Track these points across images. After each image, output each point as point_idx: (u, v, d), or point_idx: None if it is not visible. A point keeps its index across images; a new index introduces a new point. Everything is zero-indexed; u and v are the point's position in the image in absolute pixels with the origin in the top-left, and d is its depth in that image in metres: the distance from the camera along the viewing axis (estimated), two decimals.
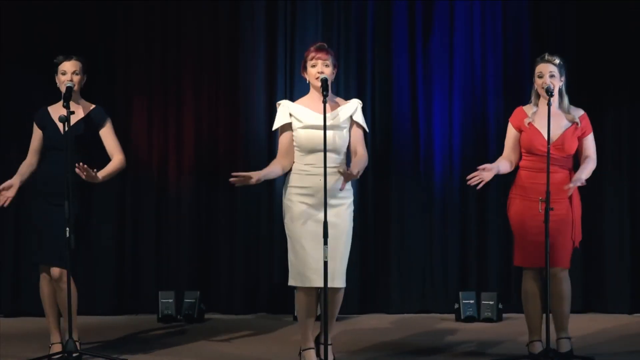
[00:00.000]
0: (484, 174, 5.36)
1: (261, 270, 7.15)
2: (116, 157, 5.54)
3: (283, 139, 5.19)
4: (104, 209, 6.93)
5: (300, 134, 5.12)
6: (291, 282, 5.15)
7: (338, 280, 5.08)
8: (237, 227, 7.13)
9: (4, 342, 5.93)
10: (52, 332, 5.54)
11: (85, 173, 5.27)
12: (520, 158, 5.54)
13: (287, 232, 5.17)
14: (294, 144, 5.15)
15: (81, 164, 5.25)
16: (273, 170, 5.16)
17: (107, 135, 5.56)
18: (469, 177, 5.37)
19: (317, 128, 5.03)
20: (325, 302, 4.94)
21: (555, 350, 5.34)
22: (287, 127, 5.17)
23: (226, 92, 7.21)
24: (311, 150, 5.07)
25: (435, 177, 7.18)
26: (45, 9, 7.07)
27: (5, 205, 5.47)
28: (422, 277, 7.17)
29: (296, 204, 5.10)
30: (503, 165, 5.49)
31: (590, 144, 5.47)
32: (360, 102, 5.25)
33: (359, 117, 5.19)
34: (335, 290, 5.10)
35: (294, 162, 5.17)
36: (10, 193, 5.45)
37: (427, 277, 7.17)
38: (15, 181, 5.48)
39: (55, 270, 5.39)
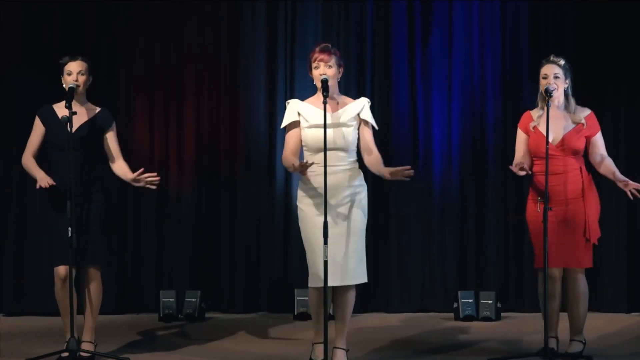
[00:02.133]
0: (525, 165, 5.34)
1: (262, 270, 7.17)
2: (123, 162, 5.55)
3: (292, 136, 5.17)
4: (108, 211, 6.95)
5: (308, 134, 5.11)
6: (309, 284, 5.12)
7: (350, 277, 5.07)
8: (238, 227, 7.16)
9: (5, 341, 5.95)
10: (67, 331, 5.42)
11: (143, 180, 5.36)
12: (532, 163, 5.54)
13: (302, 234, 5.16)
14: (302, 144, 5.16)
15: (145, 174, 5.33)
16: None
17: (112, 139, 5.56)
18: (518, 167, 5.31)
19: (322, 127, 5.01)
20: (325, 300, 4.94)
21: (553, 349, 5.36)
22: (295, 124, 5.16)
23: (227, 92, 7.23)
24: (319, 150, 5.04)
25: (434, 177, 7.21)
26: (46, 10, 7.09)
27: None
28: (422, 277, 7.20)
29: (307, 207, 5.09)
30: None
31: (600, 143, 5.49)
32: (369, 100, 5.25)
33: (367, 115, 5.18)
34: (346, 288, 5.09)
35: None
36: (51, 181, 5.37)
37: (426, 276, 7.20)
38: (48, 178, 5.39)
39: (90, 271, 5.43)
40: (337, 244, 5.00)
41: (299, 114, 5.15)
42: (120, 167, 5.55)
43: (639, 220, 7.15)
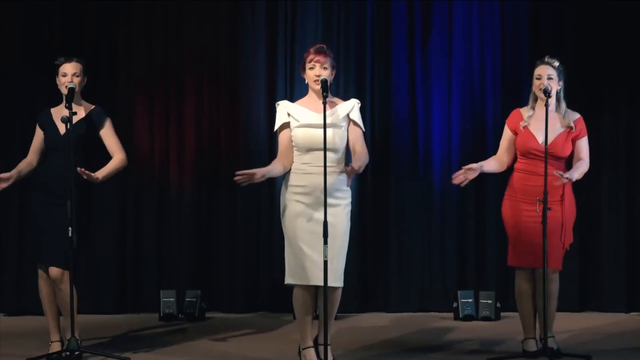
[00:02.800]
0: (469, 173, 5.40)
1: (262, 269, 7.18)
2: (117, 156, 5.58)
3: (282, 139, 5.22)
4: (106, 208, 6.98)
5: (298, 133, 5.14)
6: (288, 280, 5.18)
7: (335, 279, 5.11)
8: (238, 227, 7.17)
9: (6, 341, 5.96)
10: (51, 331, 5.57)
11: (85, 176, 5.33)
12: (514, 159, 5.58)
13: (284, 230, 5.20)
14: (292, 143, 5.18)
15: (81, 168, 5.32)
16: (275, 168, 5.17)
17: (108, 135, 5.59)
18: (454, 176, 5.42)
19: (314, 127, 5.07)
20: (325, 301, 4.98)
21: (552, 348, 5.38)
22: (286, 126, 5.20)
23: (227, 92, 7.24)
24: (308, 149, 5.09)
25: (434, 177, 7.22)
26: (46, 10, 7.10)
27: None
28: (421, 277, 7.21)
29: (293, 203, 5.12)
30: (488, 164, 5.55)
31: (584, 147, 5.50)
32: (359, 101, 5.27)
33: (356, 116, 5.21)
34: (333, 289, 5.13)
35: (293, 162, 5.21)
36: (4, 184, 5.44)
37: (426, 276, 7.22)
38: (12, 174, 5.48)
39: (55, 271, 5.41)
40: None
41: (288, 114, 5.17)
42: (111, 161, 5.56)
43: (638, 221, 7.16)
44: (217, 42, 7.23)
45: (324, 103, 4.93)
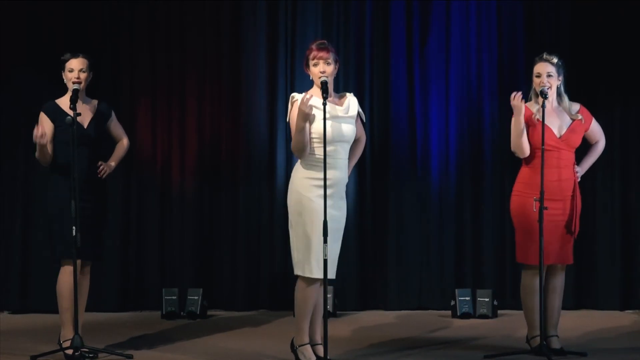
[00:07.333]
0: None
1: (263, 268, 7.23)
2: (124, 141, 5.77)
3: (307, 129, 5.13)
4: (109, 207, 7.02)
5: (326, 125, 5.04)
6: (315, 274, 5.07)
7: (335, 270, 5.19)
8: (239, 225, 7.21)
9: (11, 339, 6.02)
10: (68, 328, 5.50)
11: (104, 170, 5.52)
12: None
13: (305, 224, 5.08)
14: (313, 135, 5.09)
15: (101, 167, 5.49)
16: None
17: (115, 123, 5.74)
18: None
19: (339, 119, 5.10)
20: (325, 298, 5.00)
21: (557, 348, 5.45)
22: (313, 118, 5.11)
23: (228, 93, 7.27)
24: (331, 142, 5.07)
25: (432, 176, 7.26)
26: (49, 10, 7.14)
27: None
28: (419, 275, 7.26)
29: (315, 197, 5.05)
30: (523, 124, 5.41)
31: (596, 129, 5.61)
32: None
33: (360, 109, 5.29)
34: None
35: (309, 155, 5.11)
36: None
37: (424, 274, 7.26)
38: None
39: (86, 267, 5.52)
40: (336, 237, 5.11)
41: (312, 107, 5.04)
42: (118, 146, 5.76)
43: (633, 219, 7.21)
44: (218, 42, 7.26)
45: (324, 104, 4.96)
